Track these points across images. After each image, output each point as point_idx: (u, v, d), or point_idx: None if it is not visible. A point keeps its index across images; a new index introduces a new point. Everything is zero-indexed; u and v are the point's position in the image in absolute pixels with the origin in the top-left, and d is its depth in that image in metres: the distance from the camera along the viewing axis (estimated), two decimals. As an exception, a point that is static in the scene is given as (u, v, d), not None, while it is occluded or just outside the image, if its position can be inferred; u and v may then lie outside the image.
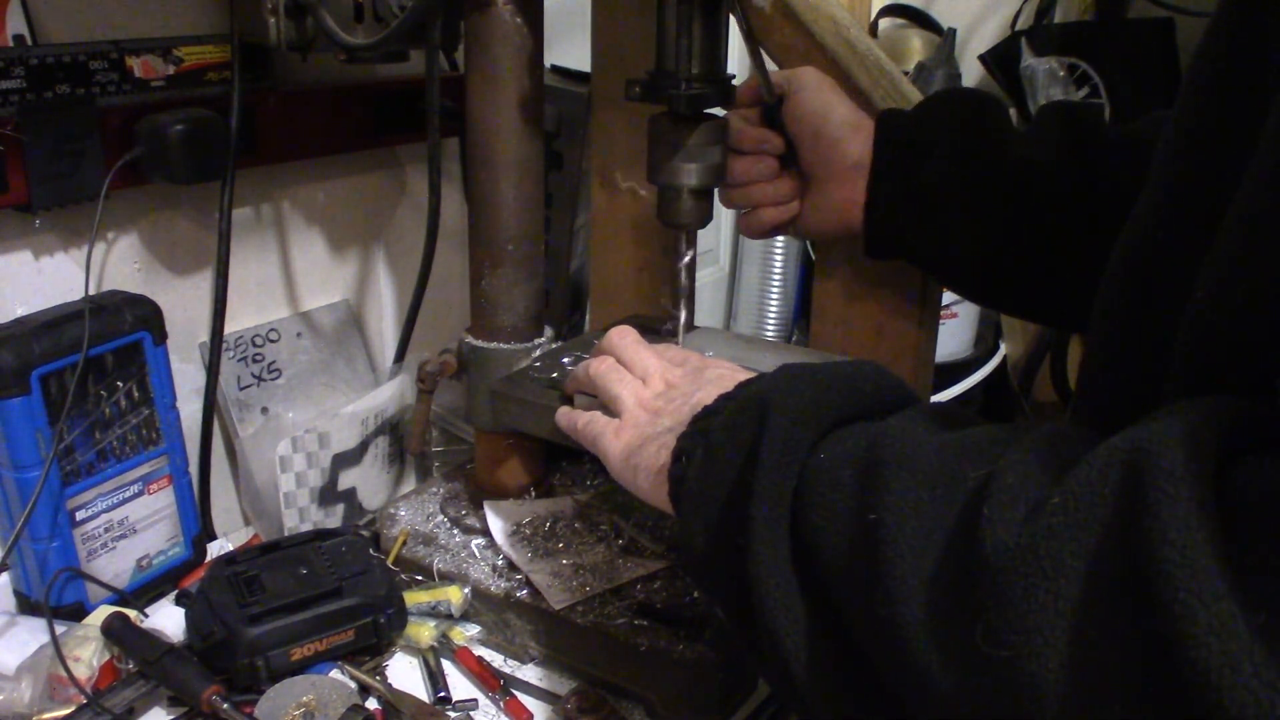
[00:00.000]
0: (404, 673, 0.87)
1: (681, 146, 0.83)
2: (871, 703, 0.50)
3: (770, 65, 0.95)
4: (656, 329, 0.94)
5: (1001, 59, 1.91)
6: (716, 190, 0.89)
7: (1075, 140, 0.84)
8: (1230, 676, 0.31)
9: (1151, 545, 0.33)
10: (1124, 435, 0.39)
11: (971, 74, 2.06)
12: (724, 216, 2.32)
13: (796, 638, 0.51)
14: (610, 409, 0.72)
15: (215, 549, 1.06)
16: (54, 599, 0.89)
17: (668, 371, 0.70)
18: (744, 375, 0.65)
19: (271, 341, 1.16)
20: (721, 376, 0.67)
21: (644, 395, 0.70)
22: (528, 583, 0.88)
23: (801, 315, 2.21)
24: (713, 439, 0.58)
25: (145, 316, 0.94)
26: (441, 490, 1.03)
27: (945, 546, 0.43)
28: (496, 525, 0.94)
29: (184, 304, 1.07)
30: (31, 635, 0.86)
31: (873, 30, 2.08)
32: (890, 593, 0.44)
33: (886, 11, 2.10)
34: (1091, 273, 0.67)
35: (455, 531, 0.97)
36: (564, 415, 0.77)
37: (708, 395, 0.63)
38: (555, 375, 0.88)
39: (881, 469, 0.47)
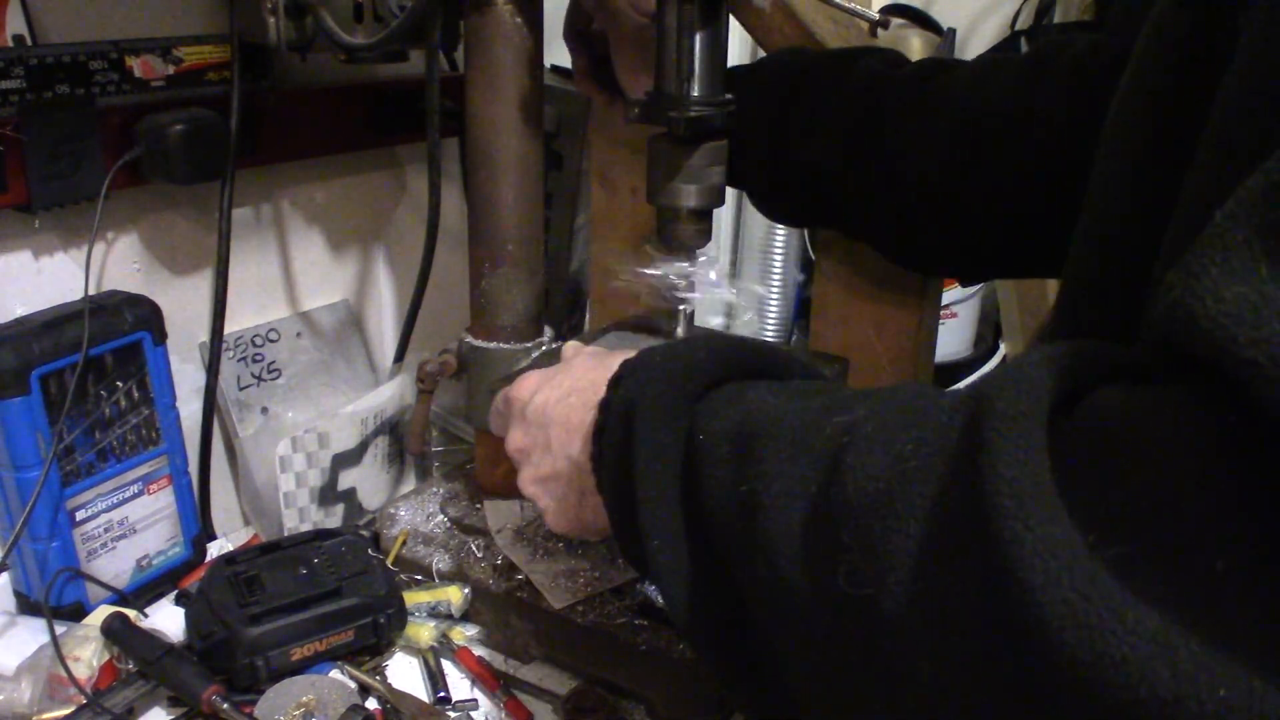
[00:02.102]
0: (404, 673, 0.87)
1: (681, 168, 0.82)
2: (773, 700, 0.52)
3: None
4: (655, 329, 0.94)
5: (1001, 59, 1.91)
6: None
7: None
8: (1052, 592, 0.32)
9: (984, 480, 0.35)
10: (971, 383, 0.41)
11: (971, 74, 2.06)
12: (724, 217, 2.31)
13: (695, 619, 0.54)
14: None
15: (215, 549, 1.06)
16: (54, 599, 0.89)
17: (529, 451, 0.69)
18: (579, 419, 0.64)
19: (271, 341, 1.16)
20: (569, 412, 0.66)
21: (530, 475, 0.69)
22: (528, 583, 0.88)
23: (801, 315, 2.21)
24: (606, 459, 0.59)
25: (145, 316, 0.94)
26: (441, 490, 1.03)
27: (814, 498, 0.45)
28: (496, 525, 0.94)
29: (184, 304, 1.07)
30: (31, 635, 0.86)
31: (873, 30, 2.08)
32: (769, 552, 0.46)
33: (886, 11, 2.10)
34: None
35: (455, 531, 0.97)
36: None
37: (575, 426, 0.64)
38: (555, 375, 0.88)
39: (752, 441, 0.49)
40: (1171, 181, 0.46)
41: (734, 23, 0.87)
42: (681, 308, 0.91)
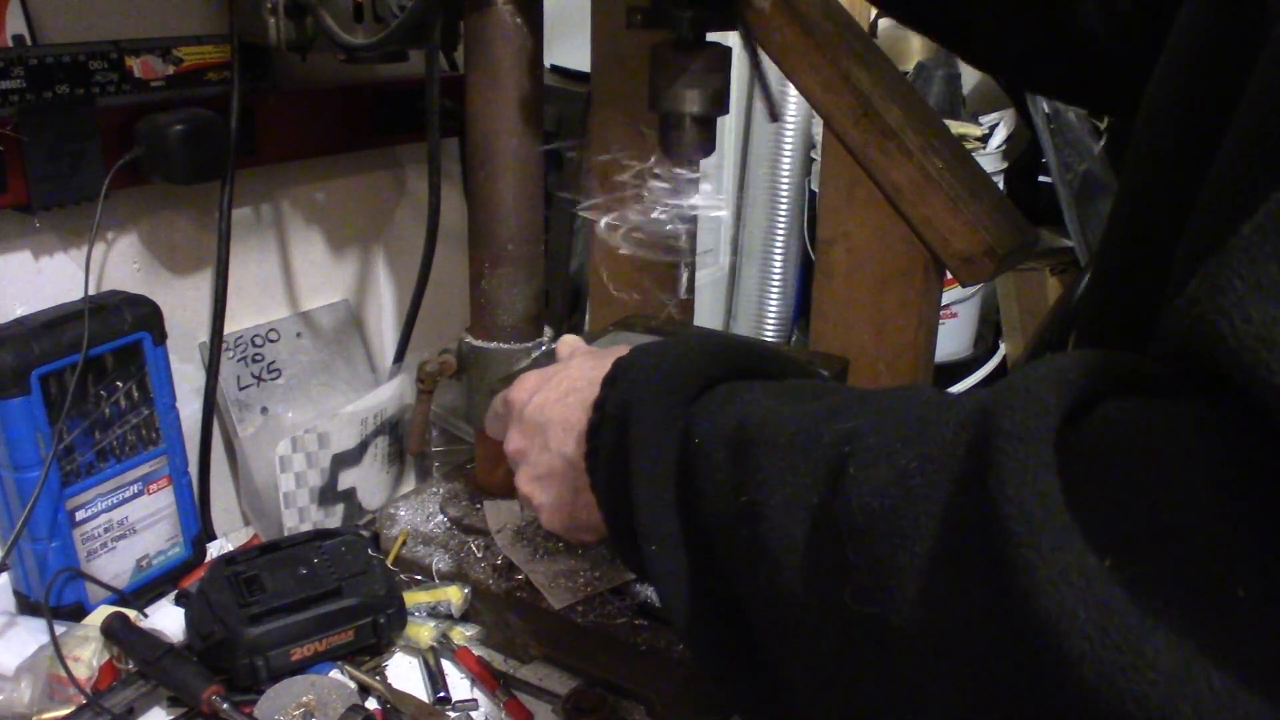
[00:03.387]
0: (404, 673, 0.87)
1: (684, 72, 0.81)
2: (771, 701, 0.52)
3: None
4: (656, 329, 0.94)
5: (1001, 59, 1.91)
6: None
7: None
8: (1068, 624, 0.32)
9: (993, 503, 0.35)
10: (975, 396, 0.40)
11: (971, 74, 2.06)
12: (725, 218, 2.32)
13: (702, 639, 0.53)
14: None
15: (215, 549, 1.06)
16: (54, 599, 0.89)
17: (526, 451, 0.69)
18: (576, 415, 0.64)
19: (271, 341, 1.16)
20: (567, 411, 0.65)
21: (526, 474, 0.68)
22: (528, 583, 0.88)
23: (801, 315, 2.21)
24: (600, 458, 0.59)
25: (145, 316, 0.94)
26: (441, 490, 1.03)
27: (816, 510, 0.44)
28: (496, 525, 0.94)
29: (184, 304, 1.07)
30: (31, 635, 0.86)
31: (873, 30, 2.08)
32: (770, 564, 0.45)
33: (886, 12, 2.10)
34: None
35: (455, 531, 0.97)
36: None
37: (569, 425, 0.63)
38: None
39: (750, 448, 0.48)
40: (1201, 170, 0.44)
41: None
42: (682, 247, 0.89)
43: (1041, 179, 2.17)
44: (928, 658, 0.38)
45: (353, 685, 0.83)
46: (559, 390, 0.66)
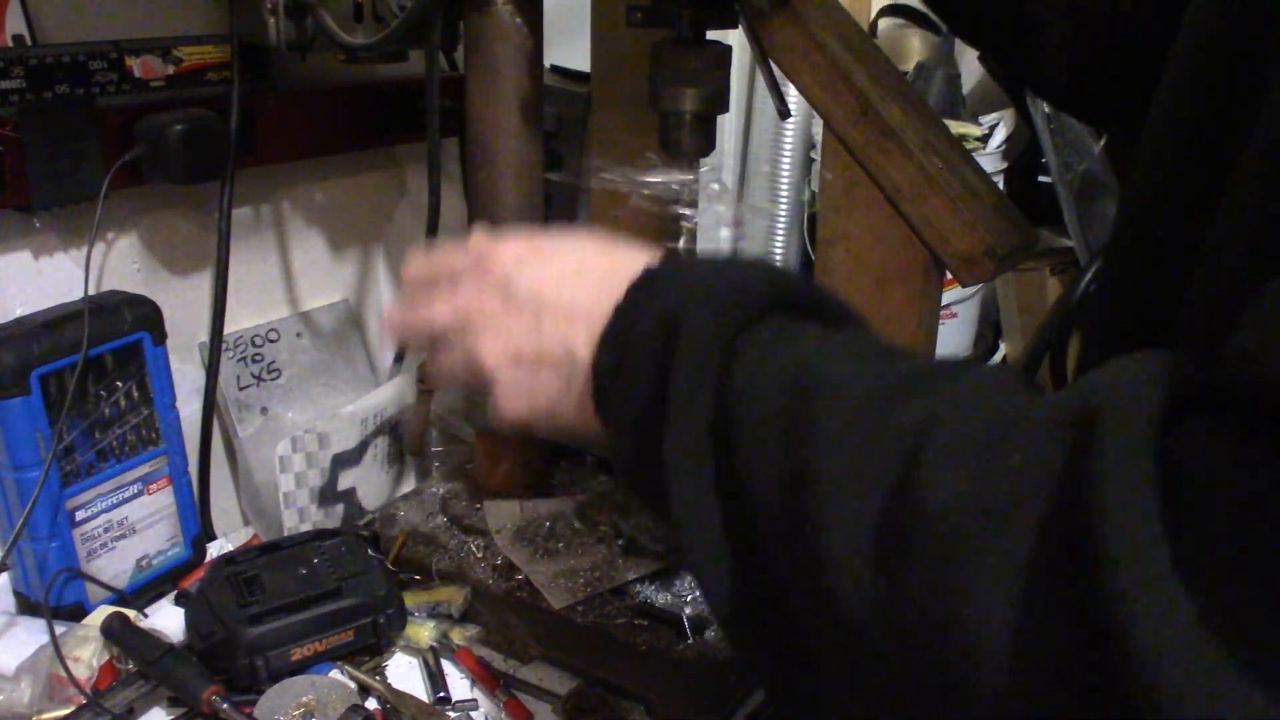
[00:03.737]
0: (404, 673, 0.87)
1: (683, 70, 0.81)
2: (799, 679, 0.48)
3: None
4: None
5: (1001, 59, 1.91)
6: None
7: None
8: (1166, 666, 0.30)
9: (1093, 523, 0.33)
10: (1074, 393, 0.37)
11: (971, 74, 2.06)
12: (724, 213, 2.31)
13: (722, 589, 0.48)
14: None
15: (215, 549, 1.06)
16: (54, 599, 0.89)
17: (502, 320, 0.57)
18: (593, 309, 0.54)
19: (271, 341, 1.16)
20: (575, 295, 0.55)
21: (499, 345, 0.57)
22: (528, 583, 0.88)
23: (801, 315, 2.20)
24: (626, 370, 0.52)
25: (145, 316, 0.94)
26: (441, 490, 1.03)
27: (882, 492, 0.40)
28: (496, 525, 0.94)
29: (184, 304, 1.07)
30: (31, 635, 0.86)
31: (872, 30, 2.08)
32: (823, 538, 0.41)
33: (886, 11, 2.10)
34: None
35: (455, 531, 0.97)
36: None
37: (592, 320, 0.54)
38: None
39: (809, 402, 0.44)
40: (1211, 172, 0.44)
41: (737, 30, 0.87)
42: (685, 223, 0.89)
43: (1041, 179, 2.16)
44: (998, 668, 0.36)
45: (353, 685, 0.83)
46: (561, 267, 0.57)
